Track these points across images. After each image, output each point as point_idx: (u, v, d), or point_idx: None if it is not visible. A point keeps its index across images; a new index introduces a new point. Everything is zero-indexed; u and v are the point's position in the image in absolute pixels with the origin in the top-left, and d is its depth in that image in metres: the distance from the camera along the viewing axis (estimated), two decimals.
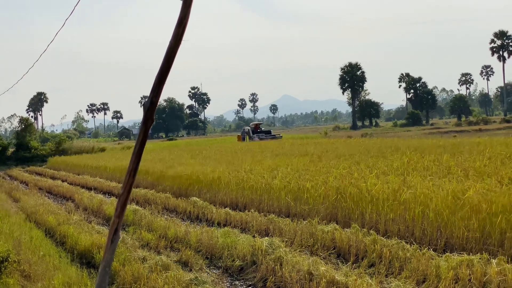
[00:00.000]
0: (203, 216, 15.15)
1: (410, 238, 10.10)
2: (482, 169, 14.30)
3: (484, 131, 65.60)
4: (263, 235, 11.61)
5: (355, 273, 8.08)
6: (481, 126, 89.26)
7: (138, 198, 19.61)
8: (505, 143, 25.05)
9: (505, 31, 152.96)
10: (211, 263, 10.28)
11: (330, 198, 12.70)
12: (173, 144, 78.41)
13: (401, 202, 10.93)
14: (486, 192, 10.14)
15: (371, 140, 45.48)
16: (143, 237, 12.33)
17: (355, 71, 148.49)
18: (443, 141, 32.63)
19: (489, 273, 7.21)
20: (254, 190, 15.62)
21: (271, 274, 8.69)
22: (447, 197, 10.28)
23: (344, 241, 9.95)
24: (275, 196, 14.61)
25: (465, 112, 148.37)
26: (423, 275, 7.83)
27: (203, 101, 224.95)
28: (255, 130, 76.61)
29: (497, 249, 8.74)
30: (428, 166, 16.18)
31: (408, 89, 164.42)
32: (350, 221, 11.59)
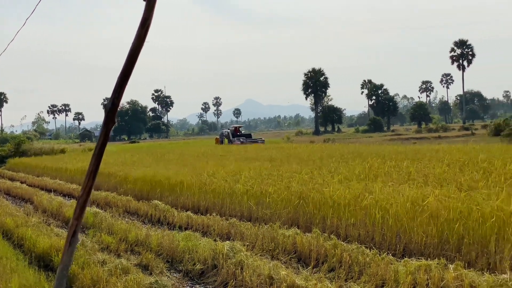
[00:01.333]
0: (164, 219, 15.06)
1: (370, 243, 10.19)
2: (441, 176, 14.51)
3: (444, 138, 66.60)
4: (225, 239, 11.59)
5: (315, 277, 8.12)
6: (441, 133, 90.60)
7: (99, 200, 19.40)
8: (463, 150, 25.48)
9: (465, 40, 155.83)
10: (171, 267, 10.22)
11: (292, 203, 12.73)
12: (135, 146, 77.63)
13: (362, 207, 11.02)
14: (445, 199, 10.28)
15: (333, 145, 45.80)
16: (103, 240, 12.21)
17: (318, 76, 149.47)
18: (404, 147, 33.04)
19: (447, 278, 7.31)
20: (217, 194, 15.59)
21: (232, 278, 8.68)
22: (407, 203, 10.40)
23: (305, 245, 9.99)
24: (237, 200, 14.60)
25: (425, 119, 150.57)
26: (382, 280, 7.90)
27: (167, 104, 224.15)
28: (235, 133, 75.17)
29: (455, 254, 8.88)
30: (389, 172, 16.36)
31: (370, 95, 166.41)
32: (312, 226, 11.65)
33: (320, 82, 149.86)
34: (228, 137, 73.08)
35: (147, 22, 2.56)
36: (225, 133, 76.45)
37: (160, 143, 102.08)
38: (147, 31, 2.59)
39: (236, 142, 68.04)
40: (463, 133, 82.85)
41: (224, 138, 73.83)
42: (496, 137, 56.44)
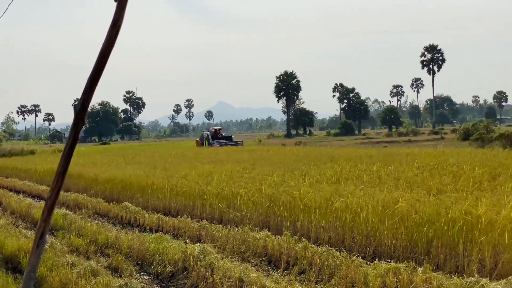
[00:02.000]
0: (135, 221, 14.96)
1: (340, 246, 10.24)
2: (411, 179, 14.65)
3: (414, 142, 67.18)
4: (195, 241, 11.56)
5: (285, 280, 8.13)
6: (411, 137, 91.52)
7: (69, 202, 19.20)
8: (433, 154, 25.76)
9: (435, 45, 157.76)
10: (141, 269, 10.16)
11: (263, 205, 12.74)
12: (106, 148, 77.04)
13: (332, 210, 11.06)
14: (415, 202, 10.38)
15: (304, 148, 45.96)
16: (73, 242, 12.08)
17: (290, 79, 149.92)
18: (375, 151, 33.27)
19: (415, 281, 7.37)
20: (188, 196, 15.54)
21: (202, 281, 8.66)
22: (377, 206, 10.47)
23: (276, 248, 10.00)
24: (209, 202, 14.56)
25: (396, 123, 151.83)
26: (352, 283, 7.94)
27: (138, 105, 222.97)
28: (214, 136, 73.90)
29: (424, 257, 8.97)
30: (360, 175, 16.47)
31: (341, 99, 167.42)
32: (282, 229, 11.66)
33: (292, 85, 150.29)
34: (208, 139, 71.78)
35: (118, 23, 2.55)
36: (205, 135, 75.17)
37: (132, 144, 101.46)
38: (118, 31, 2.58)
39: (215, 144, 66.93)
40: (433, 137, 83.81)
41: (204, 141, 72.68)
42: (465, 141, 57.19)
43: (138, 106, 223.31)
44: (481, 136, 49.48)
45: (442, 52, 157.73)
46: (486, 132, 56.61)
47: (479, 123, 78.68)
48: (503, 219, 8.43)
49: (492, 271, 8.04)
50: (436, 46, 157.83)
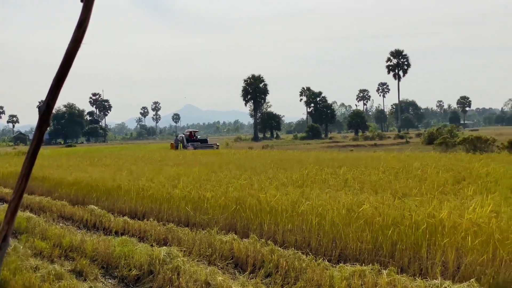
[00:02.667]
0: (100, 224, 14.83)
1: (306, 249, 10.27)
2: (376, 183, 14.79)
3: (380, 146, 67.80)
4: (162, 244, 11.50)
5: (252, 283, 8.14)
6: (377, 141, 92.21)
7: (33, 205, 18.96)
8: (398, 158, 26.06)
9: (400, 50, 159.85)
10: (107, 273, 10.07)
11: (230, 209, 12.73)
12: (72, 150, 76.11)
13: (299, 213, 11.10)
14: (380, 205, 10.48)
15: (271, 151, 46.09)
16: (36, 245, 11.92)
17: (258, 83, 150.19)
18: (341, 154, 33.53)
19: (380, 283, 7.45)
20: (155, 199, 15.45)
21: (168, 284, 8.62)
22: (343, 209, 10.54)
23: (242, 251, 10.01)
24: (175, 205, 14.50)
25: (362, 127, 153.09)
26: (318, 285, 7.98)
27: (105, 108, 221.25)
28: (189, 138, 72.13)
29: (388, 260, 9.06)
30: (326, 178, 16.57)
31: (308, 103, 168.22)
32: (249, 232, 11.67)
33: (259, 88, 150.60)
34: (183, 142, 70.50)
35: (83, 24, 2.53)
36: (179, 138, 73.57)
37: (98, 147, 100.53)
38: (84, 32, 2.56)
39: (189, 147, 65.61)
40: (398, 141, 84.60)
41: (179, 143, 71.11)
42: (430, 145, 57.87)
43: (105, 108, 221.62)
44: (445, 140, 50.13)
45: (408, 57, 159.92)
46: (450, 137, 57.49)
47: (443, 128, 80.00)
48: (466, 222, 8.56)
49: (455, 273, 8.15)
50: (402, 51, 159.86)
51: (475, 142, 43.56)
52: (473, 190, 12.18)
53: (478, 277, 7.56)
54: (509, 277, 7.42)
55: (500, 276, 7.49)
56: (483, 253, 7.93)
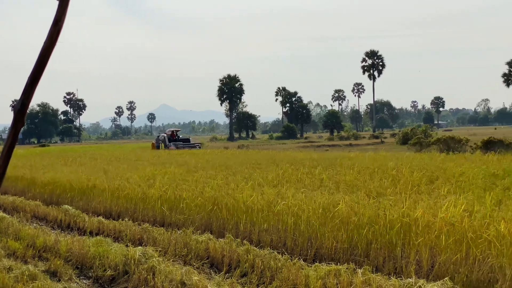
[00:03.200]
0: (75, 224, 14.71)
1: (282, 248, 10.30)
2: (352, 182, 14.86)
3: (355, 146, 68.08)
4: (137, 244, 11.45)
5: (227, 283, 8.14)
6: (352, 141, 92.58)
7: (6, 205, 18.77)
8: (373, 158, 26.19)
9: (375, 51, 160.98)
10: (81, 273, 9.99)
11: (206, 208, 12.72)
12: (45, 150, 75.28)
13: (275, 213, 11.12)
14: (355, 205, 10.53)
15: (247, 151, 46.08)
16: (10, 246, 11.80)
17: (233, 83, 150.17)
18: (316, 154, 33.61)
19: (355, 282, 7.49)
20: (130, 199, 15.39)
21: (143, 284, 8.59)
22: (319, 209, 10.58)
23: (218, 251, 10.00)
24: (151, 205, 14.46)
25: (337, 127, 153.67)
26: (293, 285, 8.00)
27: (79, 107, 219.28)
28: (171, 138, 69.98)
29: (363, 259, 9.12)
30: (301, 178, 16.61)
31: (284, 103, 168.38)
32: (225, 231, 11.67)
33: (235, 88, 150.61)
34: (165, 142, 68.39)
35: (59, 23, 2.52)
36: (161, 137, 71.35)
37: (72, 147, 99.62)
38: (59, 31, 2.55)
39: (171, 147, 63.81)
40: (373, 141, 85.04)
41: (160, 143, 68.88)
42: (404, 145, 58.27)
43: (79, 108, 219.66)
44: (419, 140, 50.52)
45: (382, 58, 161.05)
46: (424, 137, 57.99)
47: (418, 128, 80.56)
48: (439, 222, 8.64)
49: (429, 272, 8.22)
50: (377, 51, 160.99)
51: (448, 142, 43.97)
52: (447, 190, 12.29)
53: (451, 276, 7.64)
54: (482, 275, 7.51)
55: (473, 274, 7.58)
56: (456, 252, 8.02)
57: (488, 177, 15.27)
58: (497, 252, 7.56)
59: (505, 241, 7.58)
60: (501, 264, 7.40)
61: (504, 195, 11.43)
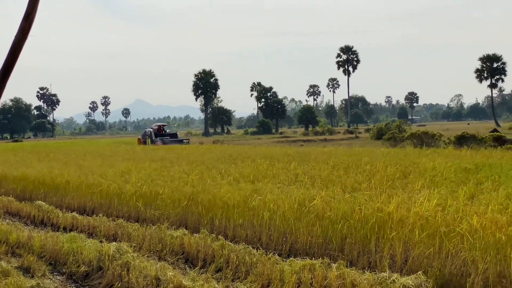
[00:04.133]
0: (48, 220, 14.58)
1: (257, 243, 10.31)
2: (327, 178, 14.91)
3: (329, 141, 68.33)
4: (111, 240, 11.39)
5: (202, 278, 8.13)
6: (327, 136, 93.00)
7: None
8: (347, 153, 26.33)
9: (350, 46, 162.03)
10: (55, 269, 9.91)
11: (181, 204, 12.70)
12: (18, 145, 74.39)
13: (250, 208, 11.13)
14: (330, 200, 10.57)
15: (222, 147, 46.02)
16: None
17: (208, 78, 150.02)
18: (292, 149, 33.69)
19: (330, 277, 7.52)
20: (104, 194, 15.29)
21: (118, 280, 8.54)
22: (294, 204, 10.60)
23: (193, 246, 9.99)
24: (126, 201, 14.39)
25: (312, 122, 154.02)
26: (268, 279, 8.01)
27: (52, 102, 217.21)
28: (158, 133, 67.23)
29: (338, 254, 9.17)
30: (277, 173, 16.63)
31: (259, 98, 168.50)
32: (200, 227, 11.66)
33: (210, 83, 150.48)
34: (151, 136, 65.59)
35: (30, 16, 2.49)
36: (148, 132, 68.25)
37: (46, 142, 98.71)
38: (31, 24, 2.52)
39: (158, 142, 61.00)
40: (347, 136, 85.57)
41: (147, 138, 66.02)
42: (378, 140, 58.70)
43: (53, 103, 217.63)
44: (394, 135, 50.95)
45: (357, 53, 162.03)
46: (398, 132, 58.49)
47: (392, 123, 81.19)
48: (413, 216, 8.71)
49: (402, 266, 8.29)
50: (352, 47, 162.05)
51: (422, 137, 44.38)
52: (421, 184, 12.39)
53: (425, 270, 7.71)
54: (455, 269, 7.59)
55: (446, 268, 7.66)
56: (429, 246, 8.09)
57: (461, 171, 15.43)
58: (470, 246, 7.64)
59: (478, 235, 7.67)
60: (474, 257, 7.48)
61: (476, 189, 11.56)
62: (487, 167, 16.19)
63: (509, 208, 8.68)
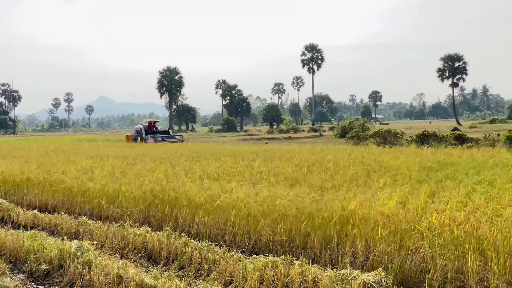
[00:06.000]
0: (8, 218, 14.37)
1: (221, 241, 10.34)
2: (291, 176, 14.98)
3: (294, 139, 68.65)
4: (73, 237, 11.28)
5: (165, 275, 8.10)
6: (291, 134, 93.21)
7: None
8: (312, 151, 26.49)
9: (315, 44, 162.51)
10: (15, 267, 9.77)
11: (145, 201, 12.65)
12: None
13: (214, 206, 11.12)
14: (294, 198, 10.62)
15: (187, 144, 45.90)
16: None
17: (173, 75, 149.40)
18: (256, 147, 33.76)
19: (292, 274, 7.57)
20: (67, 192, 15.14)
21: (79, 278, 8.47)
22: (258, 202, 10.63)
23: (156, 244, 9.95)
24: (89, 198, 14.26)
25: (277, 120, 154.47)
26: (231, 277, 8.04)
27: (14, 98, 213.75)
28: (148, 130, 62.65)
29: (300, 251, 9.24)
30: (241, 171, 16.64)
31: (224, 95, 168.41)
32: (163, 224, 11.63)
33: (175, 80, 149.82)
34: (141, 134, 61.20)
35: None
36: (138, 129, 63.45)
37: (7, 139, 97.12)
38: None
39: (149, 140, 57.15)
40: (312, 134, 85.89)
41: (138, 136, 61.78)
42: (342, 138, 59.17)
43: (14, 99, 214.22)
44: (357, 134, 51.35)
45: (322, 52, 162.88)
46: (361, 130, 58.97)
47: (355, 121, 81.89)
48: (375, 214, 8.82)
49: (364, 263, 8.38)
50: (316, 45, 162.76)
51: (385, 136, 44.84)
52: (383, 182, 12.55)
53: (385, 266, 7.81)
54: (414, 265, 7.71)
55: (406, 264, 7.77)
56: (390, 243, 8.20)
57: (422, 169, 15.67)
58: (429, 242, 7.78)
59: (437, 232, 7.81)
60: (433, 254, 7.61)
61: (437, 187, 11.74)
62: (448, 165, 16.46)
63: (468, 205, 8.85)
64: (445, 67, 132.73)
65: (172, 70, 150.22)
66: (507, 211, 8.11)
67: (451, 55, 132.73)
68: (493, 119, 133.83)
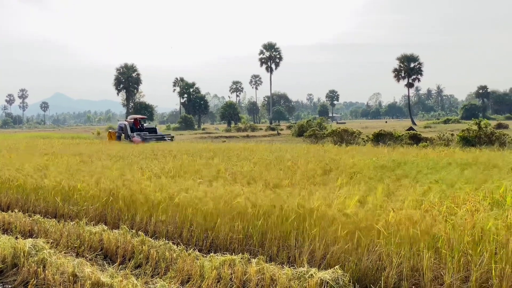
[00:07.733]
0: None
1: (178, 239, 10.30)
2: (248, 174, 14.98)
3: (252, 138, 68.64)
4: (27, 236, 11.10)
5: (121, 274, 8.03)
6: (249, 132, 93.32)
7: None
8: (269, 149, 26.59)
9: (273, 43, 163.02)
10: None
11: (101, 199, 12.51)
12: None
13: (172, 204, 11.07)
14: (252, 196, 10.62)
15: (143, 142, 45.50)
16: None
17: (130, 72, 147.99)
18: (214, 145, 33.71)
19: (249, 272, 7.59)
20: (21, 189, 14.88)
21: (33, 277, 8.32)
22: (215, 200, 10.61)
23: (112, 242, 9.85)
24: (43, 196, 14.05)
25: (235, 119, 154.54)
26: (188, 275, 8.01)
27: None
28: (134, 127, 57.06)
29: (258, 249, 9.27)
30: (199, 169, 16.59)
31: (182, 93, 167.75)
32: (120, 223, 11.53)
33: (132, 78, 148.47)
34: (126, 131, 55.69)
35: None
36: (122, 125, 57.30)
37: None
38: None
39: (135, 138, 51.77)
40: (269, 133, 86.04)
41: (122, 133, 56.42)
42: (300, 137, 59.41)
43: None
44: (314, 132, 51.59)
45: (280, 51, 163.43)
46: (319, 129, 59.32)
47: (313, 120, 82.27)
48: (332, 212, 8.88)
49: (321, 261, 8.44)
50: (274, 44, 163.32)
51: (342, 135, 45.17)
52: (341, 181, 12.65)
53: (342, 264, 7.88)
54: (370, 263, 7.79)
55: (362, 262, 7.85)
56: (348, 241, 8.27)
57: (378, 168, 15.85)
58: (386, 241, 7.88)
59: (393, 230, 7.91)
60: (389, 252, 7.72)
61: (394, 186, 11.89)
62: (404, 164, 16.69)
63: (423, 204, 8.99)
64: (401, 67, 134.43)
65: (130, 67, 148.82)
66: (462, 210, 8.26)
67: (407, 56, 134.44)
68: (447, 119, 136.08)
